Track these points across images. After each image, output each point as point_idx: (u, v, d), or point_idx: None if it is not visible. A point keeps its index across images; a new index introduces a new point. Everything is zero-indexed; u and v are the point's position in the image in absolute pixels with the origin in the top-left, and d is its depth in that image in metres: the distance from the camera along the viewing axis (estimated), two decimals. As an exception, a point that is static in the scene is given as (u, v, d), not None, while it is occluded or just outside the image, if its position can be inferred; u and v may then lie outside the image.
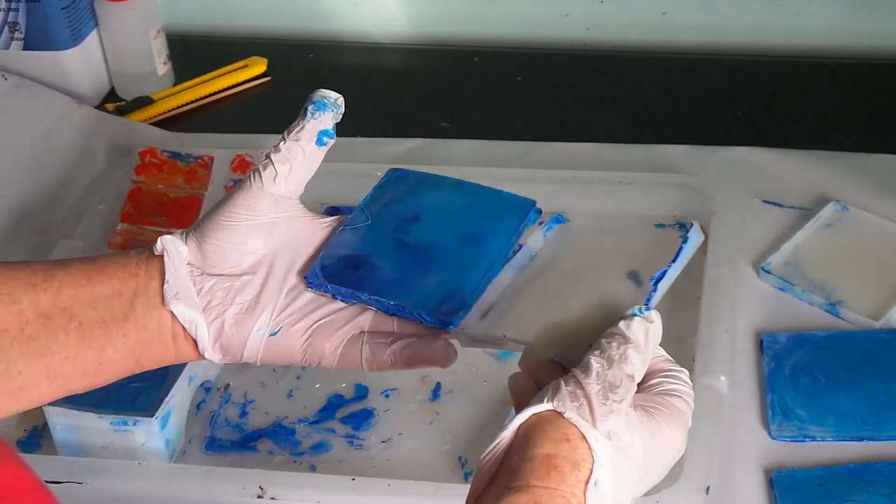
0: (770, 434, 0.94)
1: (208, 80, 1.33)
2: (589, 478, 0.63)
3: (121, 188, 1.16)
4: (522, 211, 0.76)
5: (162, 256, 0.74)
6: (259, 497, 0.91)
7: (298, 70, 1.37)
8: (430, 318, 0.72)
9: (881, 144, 1.18)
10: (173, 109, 1.31)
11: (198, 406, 1.01)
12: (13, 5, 1.27)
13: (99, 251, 1.11)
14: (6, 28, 1.28)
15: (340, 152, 1.21)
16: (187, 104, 1.32)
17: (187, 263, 0.74)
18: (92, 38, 1.31)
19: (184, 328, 0.73)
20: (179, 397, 0.98)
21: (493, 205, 0.76)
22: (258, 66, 1.35)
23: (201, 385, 1.02)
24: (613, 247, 0.79)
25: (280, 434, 1.00)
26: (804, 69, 1.32)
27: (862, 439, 0.93)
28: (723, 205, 1.10)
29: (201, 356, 0.74)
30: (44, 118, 1.27)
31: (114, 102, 1.32)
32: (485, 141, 1.23)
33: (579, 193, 1.14)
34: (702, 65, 1.34)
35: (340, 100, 0.76)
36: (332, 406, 1.01)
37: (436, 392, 1.02)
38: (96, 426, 0.95)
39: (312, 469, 0.97)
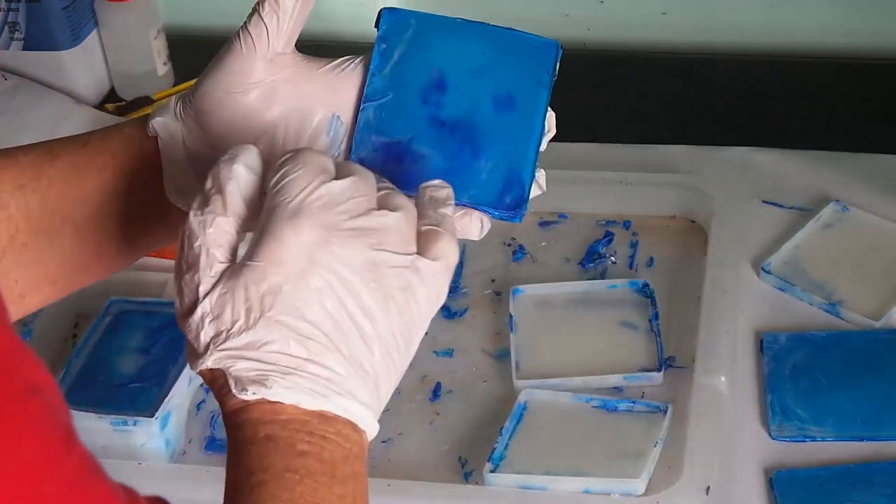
0: (770, 434, 0.94)
1: (208, 80, 1.33)
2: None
3: (121, 188, 1.16)
4: (547, 55, 0.70)
5: (154, 138, 0.68)
6: (259, 497, 0.91)
7: (298, 70, 1.36)
8: (497, 212, 0.66)
9: (881, 144, 1.18)
10: (173, 109, 1.31)
11: (198, 406, 1.01)
12: (13, 5, 1.27)
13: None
14: (6, 28, 1.28)
15: (340, 152, 1.22)
16: (187, 104, 1.32)
17: (188, 148, 0.67)
18: (92, 38, 1.31)
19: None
20: (179, 397, 0.98)
21: (516, 51, 0.70)
22: (258, 66, 1.35)
23: (201, 385, 1.02)
24: None
25: (280, 434, 1.00)
26: (804, 69, 1.32)
27: (862, 439, 0.93)
28: (723, 205, 1.10)
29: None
30: (44, 118, 1.27)
31: (114, 102, 1.32)
32: (485, 141, 1.23)
33: (579, 193, 1.14)
34: (702, 65, 1.34)
35: None
36: (332, 406, 1.01)
37: (436, 392, 1.02)
38: (96, 426, 0.95)
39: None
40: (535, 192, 0.67)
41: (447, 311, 1.06)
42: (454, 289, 1.08)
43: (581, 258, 1.10)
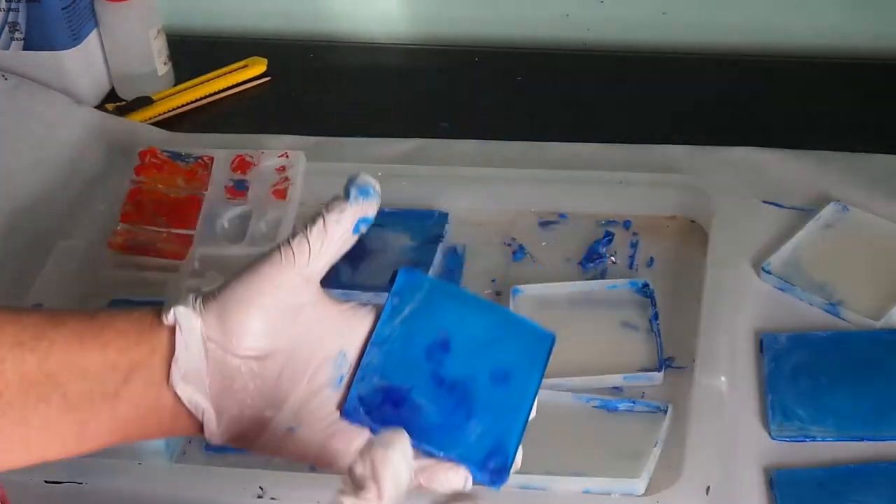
0: (770, 434, 0.94)
1: (208, 80, 1.33)
2: None
3: (121, 188, 1.16)
4: (545, 345, 0.74)
5: (169, 327, 0.68)
6: (259, 497, 0.91)
7: (298, 70, 1.37)
8: (479, 474, 0.70)
9: (881, 144, 1.18)
10: (173, 109, 1.31)
11: (198, 406, 1.01)
12: (13, 5, 1.27)
13: (99, 251, 1.11)
14: (6, 28, 1.28)
15: (340, 152, 1.22)
16: (187, 104, 1.32)
17: (204, 339, 0.68)
18: (92, 38, 1.31)
19: (188, 410, 0.68)
20: (179, 397, 0.98)
21: (518, 335, 0.74)
22: (258, 66, 1.35)
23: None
24: None
25: (280, 434, 1.00)
26: (804, 69, 1.32)
27: (862, 439, 0.93)
28: (723, 205, 1.10)
29: (204, 438, 0.69)
30: (44, 118, 1.27)
31: (114, 102, 1.32)
32: (485, 141, 1.23)
33: (579, 193, 1.14)
34: (702, 65, 1.34)
35: (378, 186, 0.71)
36: (332, 406, 1.01)
37: (436, 392, 1.01)
38: (96, 426, 0.95)
39: (312, 469, 0.97)
40: (515, 464, 0.71)
41: (447, 311, 1.06)
42: (454, 289, 1.08)
43: (581, 258, 1.10)
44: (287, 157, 1.16)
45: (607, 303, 1.05)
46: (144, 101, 1.31)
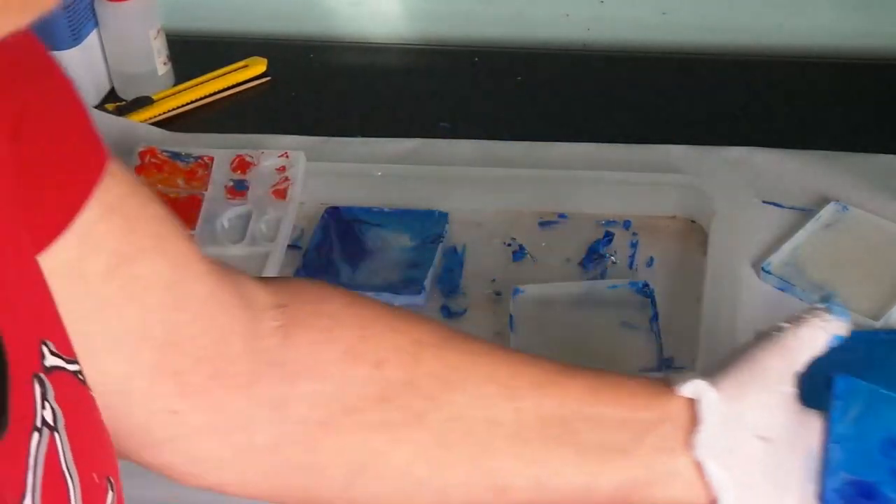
0: (770, 434, 0.94)
1: (208, 80, 1.33)
2: None
3: (121, 188, 1.16)
4: None
5: (684, 397, 0.68)
6: (259, 497, 0.91)
7: (298, 70, 1.37)
8: None
9: (881, 144, 1.18)
10: (173, 109, 1.31)
11: (198, 406, 1.01)
12: (13, 5, 1.27)
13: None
14: (6, 28, 1.28)
15: (340, 152, 1.22)
16: (187, 104, 1.32)
17: (724, 414, 0.67)
18: (92, 38, 1.31)
19: (703, 482, 0.67)
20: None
21: None
22: (258, 66, 1.35)
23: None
24: None
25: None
26: (804, 69, 1.32)
27: (862, 439, 0.93)
28: (723, 205, 1.10)
29: None
30: (44, 118, 1.27)
31: (114, 102, 1.32)
32: (485, 141, 1.23)
33: (579, 193, 1.14)
34: (702, 65, 1.34)
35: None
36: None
37: (436, 392, 1.01)
38: (96, 426, 0.95)
39: None
40: None
41: (447, 311, 1.06)
42: (454, 289, 1.08)
43: (581, 258, 1.10)
44: (287, 157, 1.16)
45: (607, 303, 1.05)
46: (144, 101, 1.31)
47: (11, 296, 0.53)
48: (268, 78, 1.35)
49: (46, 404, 0.52)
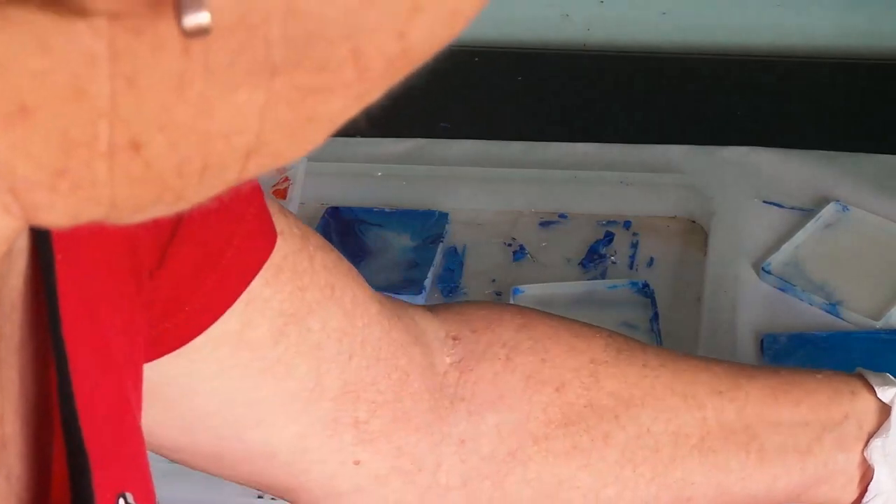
0: (770, 434, 0.94)
1: (208, 81, 1.33)
2: None
3: (121, 188, 1.16)
4: None
5: (874, 399, 0.68)
6: (259, 497, 0.91)
7: (298, 70, 1.36)
8: None
9: (881, 144, 1.18)
10: (173, 109, 1.31)
11: (198, 406, 1.01)
12: (13, 5, 1.27)
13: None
14: (6, 28, 1.28)
15: (340, 152, 1.22)
16: (187, 104, 1.31)
17: None
18: (92, 39, 1.31)
19: (856, 481, 0.67)
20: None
21: None
22: (258, 66, 1.35)
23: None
24: None
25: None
26: (804, 69, 1.32)
27: (862, 439, 0.93)
28: (723, 205, 1.10)
29: None
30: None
31: (114, 102, 1.32)
32: (485, 141, 1.23)
33: (579, 193, 1.14)
34: (702, 65, 1.34)
35: None
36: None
37: (436, 392, 1.02)
38: (96, 426, 0.95)
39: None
40: None
41: (447, 312, 1.06)
42: (454, 289, 1.08)
43: (581, 258, 1.11)
44: (287, 157, 1.16)
45: (607, 303, 1.05)
46: (144, 102, 1.31)
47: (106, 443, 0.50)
48: (268, 78, 1.35)
49: None
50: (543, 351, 0.68)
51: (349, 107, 0.36)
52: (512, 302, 1.05)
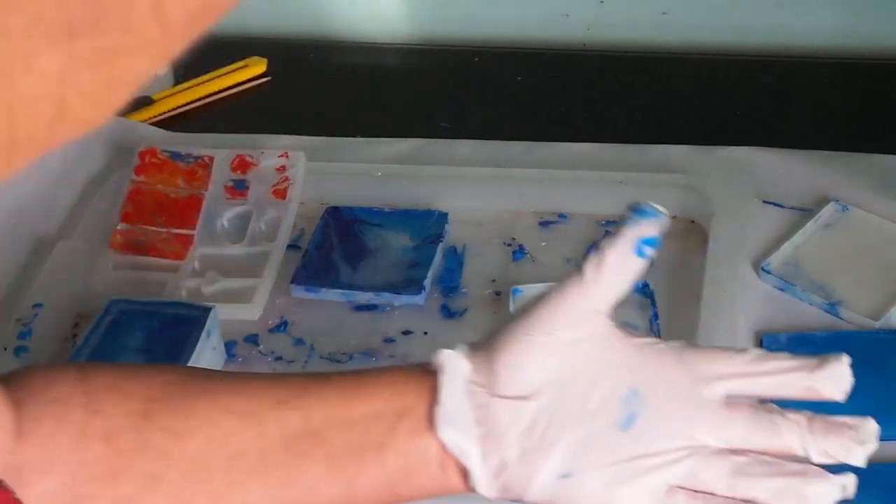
0: (770, 434, 0.94)
1: (208, 80, 1.33)
2: None
3: (121, 188, 1.16)
4: None
5: (436, 373, 0.64)
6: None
7: (298, 70, 1.37)
8: None
9: (881, 144, 1.18)
10: (173, 109, 1.31)
11: (198, 406, 1.01)
12: (13, 5, 1.26)
13: (99, 252, 1.11)
14: (6, 28, 1.28)
15: (340, 152, 1.22)
16: (187, 104, 1.32)
17: (469, 382, 0.63)
18: (92, 38, 1.31)
19: (455, 459, 0.63)
20: (179, 397, 0.98)
21: None
22: (258, 66, 1.35)
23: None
24: None
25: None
26: (804, 69, 1.32)
27: (862, 439, 0.93)
28: (723, 205, 1.10)
29: (472, 490, 0.64)
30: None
31: (114, 102, 1.32)
32: (485, 141, 1.23)
33: (579, 193, 1.14)
34: (702, 65, 1.34)
35: (664, 210, 0.69)
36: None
37: (436, 392, 1.01)
38: (96, 426, 0.95)
39: None
40: None
41: (447, 311, 1.06)
42: (454, 289, 1.08)
43: (581, 258, 1.10)
44: (287, 157, 1.16)
45: (607, 303, 1.05)
46: (144, 101, 1.31)
47: None
48: (268, 78, 1.35)
49: None
50: (96, 402, 0.63)
51: (153, 65, 0.35)
52: (512, 302, 1.05)
